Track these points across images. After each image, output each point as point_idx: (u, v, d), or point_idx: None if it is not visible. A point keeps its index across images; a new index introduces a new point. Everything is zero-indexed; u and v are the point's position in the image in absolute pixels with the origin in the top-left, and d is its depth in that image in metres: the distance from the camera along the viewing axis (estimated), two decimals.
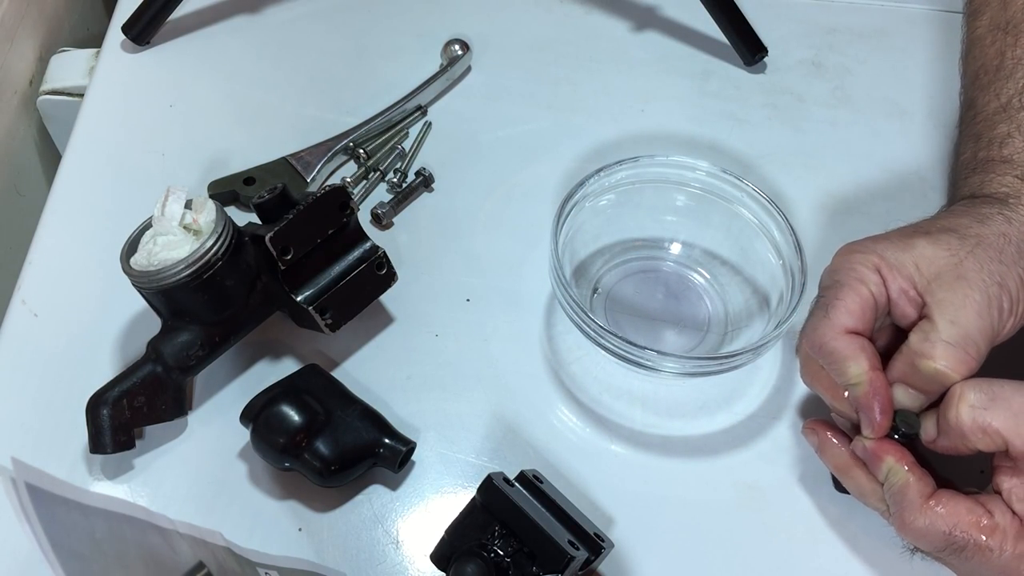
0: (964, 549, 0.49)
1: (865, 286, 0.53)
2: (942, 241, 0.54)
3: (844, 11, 0.84)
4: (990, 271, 0.52)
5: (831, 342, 0.53)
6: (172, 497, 0.59)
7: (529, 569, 0.51)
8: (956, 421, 0.50)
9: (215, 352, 0.60)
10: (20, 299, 0.67)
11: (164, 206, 0.58)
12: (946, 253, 0.53)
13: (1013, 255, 0.53)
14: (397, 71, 0.79)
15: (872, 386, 0.52)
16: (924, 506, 0.50)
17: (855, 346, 0.52)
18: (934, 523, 0.49)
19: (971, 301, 0.51)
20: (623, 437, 0.62)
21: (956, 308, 0.51)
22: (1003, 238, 0.54)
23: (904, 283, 0.53)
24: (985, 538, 0.48)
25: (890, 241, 0.55)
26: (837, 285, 0.54)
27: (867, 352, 0.52)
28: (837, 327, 0.53)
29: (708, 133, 0.76)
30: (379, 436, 0.58)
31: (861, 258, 0.54)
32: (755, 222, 0.65)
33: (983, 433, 0.49)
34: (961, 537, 0.49)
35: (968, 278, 0.52)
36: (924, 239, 0.54)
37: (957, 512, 0.49)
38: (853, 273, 0.54)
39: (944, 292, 0.52)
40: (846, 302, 0.53)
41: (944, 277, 0.52)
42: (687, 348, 0.65)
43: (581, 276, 0.67)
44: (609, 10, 0.84)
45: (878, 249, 0.54)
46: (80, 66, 0.83)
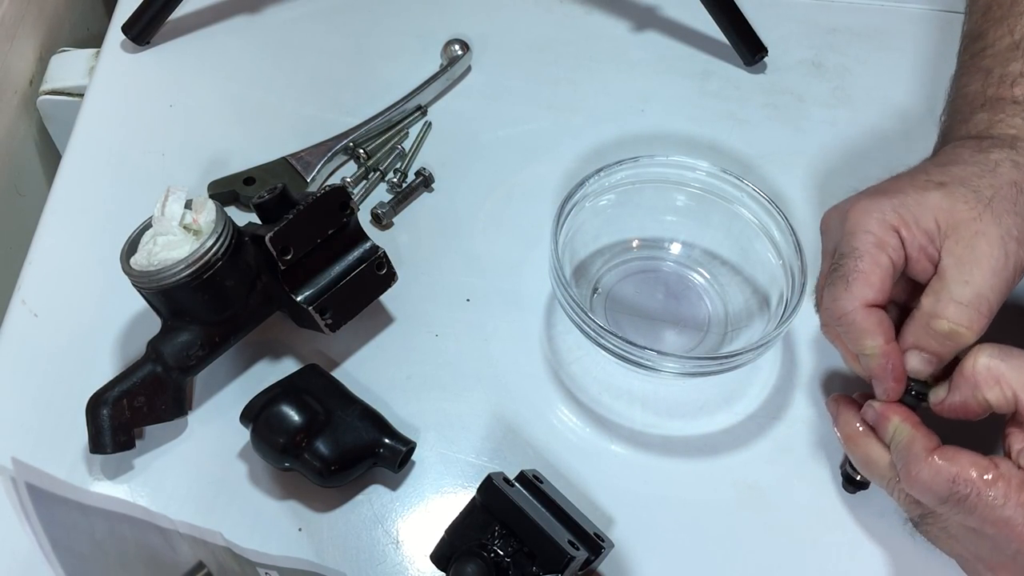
0: (967, 499, 0.48)
1: (885, 253, 0.53)
2: (959, 194, 0.53)
3: (844, 11, 0.84)
4: (1008, 226, 0.52)
5: (850, 315, 0.53)
6: (172, 497, 0.59)
7: (529, 569, 0.51)
8: (971, 371, 0.50)
9: (215, 352, 0.60)
10: (20, 299, 0.67)
11: (164, 206, 0.58)
12: (964, 207, 0.53)
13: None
14: (397, 71, 0.79)
15: (886, 358, 0.53)
16: (929, 458, 0.49)
17: (873, 320, 0.53)
18: (939, 472, 0.49)
19: (988, 259, 0.51)
20: (623, 437, 0.62)
21: (971, 266, 0.51)
22: (1015, 187, 0.53)
23: (923, 239, 0.53)
24: (989, 487, 0.48)
25: (906, 195, 0.54)
26: (856, 254, 0.53)
27: (883, 326, 0.53)
28: (857, 299, 0.53)
29: (708, 133, 0.76)
30: (379, 436, 0.58)
31: (879, 219, 0.53)
32: (755, 222, 0.65)
33: (995, 382, 0.50)
34: (964, 486, 0.48)
35: (987, 234, 0.52)
36: (940, 191, 0.53)
37: (961, 462, 0.49)
38: (872, 238, 0.53)
39: (961, 249, 0.52)
40: (867, 275, 0.53)
41: (962, 233, 0.52)
42: (687, 348, 0.65)
43: (581, 276, 0.67)
44: (609, 10, 0.84)
45: (896, 206, 0.53)
46: (80, 66, 0.83)
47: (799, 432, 0.62)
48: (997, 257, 0.51)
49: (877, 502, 0.59)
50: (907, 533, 0.58)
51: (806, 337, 0.65)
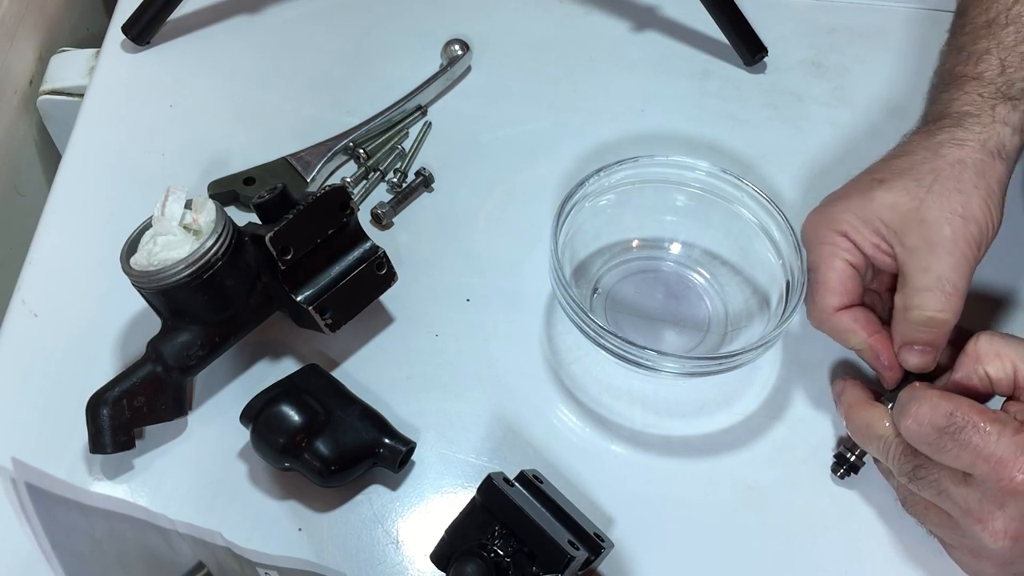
0: (962, 431, 0.49)
1: (838, 258, 0.56)
2: (898, 186, 0.56)
3: (844, 11, 0.84)
4: (950, 206, 0.54)
5: (826, 323, 0.58)
6: (172, 497, 0.59)
7: (529, 569, 0.51)
8: (973, 347, 0.53)
9: (215, 352, 0.60)
10: (20, 299, 0.67)
11: (164, 206, 0.58)
12: (905, 198, 0.55)
13: (972, 179, 0.55)
14: (397, 71, 0.79)
15: (873, 350, 0.57)
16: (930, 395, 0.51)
17: (848, 320, 0.57)
18: (938, 406, 0.50)
19: (937, 242, 0.54)
20: (623, 437, 0.62)
21: (925, 253, 0.54)
22: (958, 165, 0.55)
23: (874, 238, 0.56)
24: (984, 422, 0.49)
25: (850, 199, 0.57)
26: (815, 266, 0.58)
27: (861, 321, 0.57)
28: (826, 310, 0.57)
29: (708, 133, 0.76)
30: (379, 436, 0.58)
31: (826, 230, 0.57)
32: (755, 222, 0.65)
33: (996, 356, 0.52)
34: (962, 418, 0.49)
35: (929, 220, 0.54)
36: (881, 188, 0.56)
37: (960, 400, 0.50)
38: (825, 248, 0.57)
39: (911, 239, 0.55)
40: (826, 283, 0.57)
41: (908, 223, 0.55)
42: (687, 348, 0.65)
43: (581, 276, 0.67)
44: (609, 10, 0.84)
45: (839, 213, 0.57)
46: (80, 66, 0.83)
47: (799, 432, 0.62)
48: (946, 238, 0.54)
49: (877, 502, 0.59)
50: (907, 533, 0.58)
51: (806, 337, 0.65)
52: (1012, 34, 0.60)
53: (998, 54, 0.59)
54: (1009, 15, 0.60)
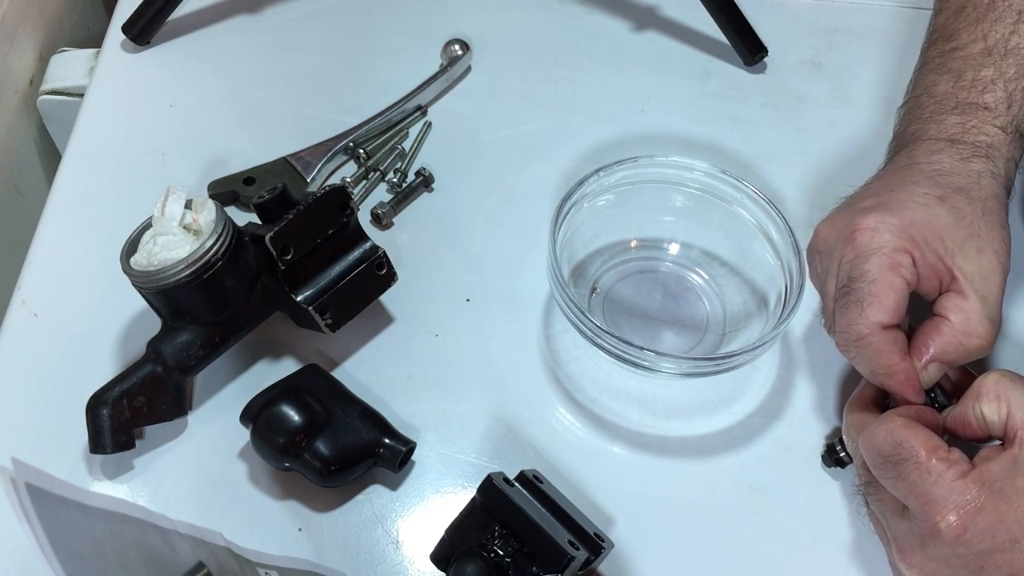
0: (903, 464, 0.49)
1: (899, 275, 0.53)
2: (961, 210, 0.55)
3: (844, 11, 0.84)
4: (998, 242, 0.54)
5: (866, 338, 0.53)
6: (172, 497, 0.59)
7: (529, 569, 0.51)
8: (979, 383, 0.52)
9: (215, 352, 0.60)
10: (20, 299, 0.67)
11: (164, 206, 0.58)
12: (965, 223, 0.54)
13: (1002, 216, 0.56)
14: (397, 71, 0.79)
15: (906, 375, 0.54)
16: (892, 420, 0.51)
17: (889, 341, 0.53)
18: (891, 434, 0.50)
19: (995, 274, 0.54)
20: (623, 437, 0.62)
21: (985, 281, 0.53)
22: (994, 200, 0.55)
23: (933, 258, 0.54)
24: (928, 460, 0.48)
25: (912, 213, 0.54)
26: (868, 277, 0.53)
27: (899, 344, 0.54)
28: (873, 324, 0.53)
29: (708, 133, 0.76)
30: (379, 436, 0.58)
31: (891, 241, 0.53)
32: (753, 223, 0.65)
33: (995, 397, 0.50)
34: (907, 451, 0.49)
35: (986, 250, 0.54)
36: (943, 208, 0.54)
37: (917, 431, 0.50)
38: (885, 260, 0.53)
39: (971, 265, 0.54)
40: (881, 298, 0.53)
41: (967, 249, 0.54)
42: (685, 349, 0.65)
43: (579, 276, 0.67)
44: (609, 10, 0.84)
45: (906, 227, 0.54)
46: (80, 66, 0.83)
47: (797, 432, 0.62)
48: (1000, 272, 0.54)
49: None
50: None
51: (804, 337, 0.65)
52: (1013, 66, 0.59)
53: (1004, 86, 0.59)
54: (1008, 46, 0.60)
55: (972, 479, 0.47)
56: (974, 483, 0.47)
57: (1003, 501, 0.47)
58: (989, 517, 0.47)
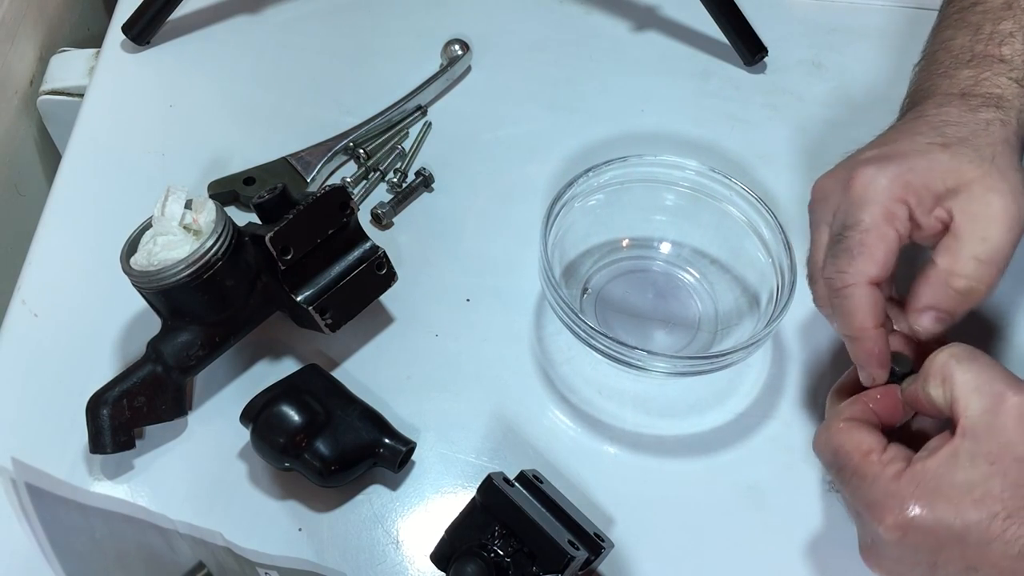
0: (842, 471, 0.49)
1: (892, 226, 0.52)
2: (964, 155, 0.52)
3: (844, 11, 0.84)
4: (1014, 181, 0.52)
5: (850, 288, 0.52)
6: (172, 497, 0.59)
7: (529, 569, 0.51)
8: (931, 362, 0.49)
9: (215, 352, 0.60)
10: (20, 299, 0.67)
11: (164, 206, 0.58)
12: (970, 166, 0.52)
13: (1016, 161, 0.53)
14: (397, 71, 0.79)
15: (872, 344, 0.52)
16: (832, 424, 0.51)
17: (869, 300, 0.51)
18: (828, 441, 0.50)
19: (1003, 214, 0.51)
20: (620, 437, 0.62)
21: (987, 223, 0.51)
22: (1006, 144, 0.53)
23: (932, 202, 0.52)
24: (861, 466, 0.48)
25: (911, 160, 0.53)
26: (862, 227, 0.52)
27: (876, 309, 0.52)
28: (860, 275, 0.51)
29: (708, 133, 0.76)
30: (379, 436, 0.58)
31: (887, 188, 0.52)
32: (744, 221, 0.65)
33: (941, 381, 0.48)
34: (844, 458, 0.49)
35: (998, 190, 0.51)
36: (945, 153, 0.53)
37: (850, 435, 0.50)
38: (879, 210, 0.52)
39: (975, 207, 0.51)
40: (872, 249, 0.51)
41: (974, 191, 0.51)
42: (678, 348, 0.65)
43: (571, 276, 0.67)
44: (609, 10, 0.84)
45: (903, 172, 0.52)
46: (80, 66, 0.83)
47: (791, 429, 0.62)
48: (1011, 213, 0.51)
49: None
50: None
51: (796, 335, 0.65)
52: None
53: (1023, 38, 0.57)
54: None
55: (907, 480, 0.47)
56: (909, 483, 0.46)
57: (940, 499, 0.45)
58: (927, 517, 0.45)
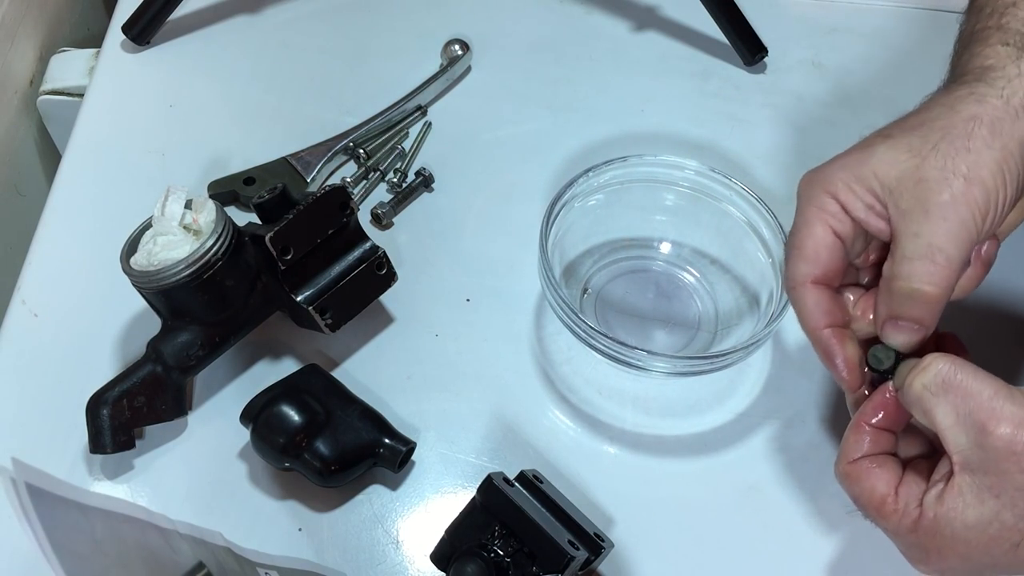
0: (867, 514, 0.49)
1: (822, 222, 0.50)
2: (902, 143, 0.49)
3: (844, 11, 0.84)
4: (954, 166, 0.47)
5: (793, 292, 0.51)
6: (172, 497, 0.59)
7: (529, 569, 0.51)
8: (907, 389, 0.47)
9: (215, 352, 0.60)
10: (20, 299, 0.67)
11: (164, 206, 0.58)
12: (906, 156, 0.49)
13: (985, 138, 0.48)
14: (397, 71, 0.79)
15: (824, 345, 0.50)
16: (843, 467, 0.49)
17: (811, 300, 0.50)
18: (845, 486, 0.50)
19: (933, 205, 0.47)
20: (621, 437, 0.62)
21: (918, 217, 0.47)
22: (973, 121, 0.48)
23: (868, 198, 0.49)
24: (880, 519, 0.48)
25: (848, 157, 0.51)
26: (796, 228, 0.51)
27: (823, 307, 0.50)
28: (799, 277, 0.51)
29: (708, 133, 0.76)
30: (379, 436, 0.58)
31: (816, 189, 0.51)
32: (744, 221, 0.65)
33: (923, 415, 0.46)
34: (862, 508, 0.49)
35: (928, 179, 0.48)
36: (884, 144, 0.50)
37: (863, 485, 0.48)
38: (808, 211, 0.51)
39: (906, 201, 0.48)
40: (801, 248, 0.50)
41: (905, 183, 0.48)
42: (678, 347, 0.65)
43: (571, 276, 0.67)
44: (609, 10, 0.84)
45: (834, 171, 0.50)
46: (80, 66, 0.83)
47: (791, 429, 0.62)
48: (943, 202, 0.47)
49: None
50: None
51: (796, 335, 0.65)
52: None
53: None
54: None
55: (924, 533, 0.46)
56: (927, 535, 0.46)
57: (960, 544, 0.45)
58: (955, 560, 0.46)
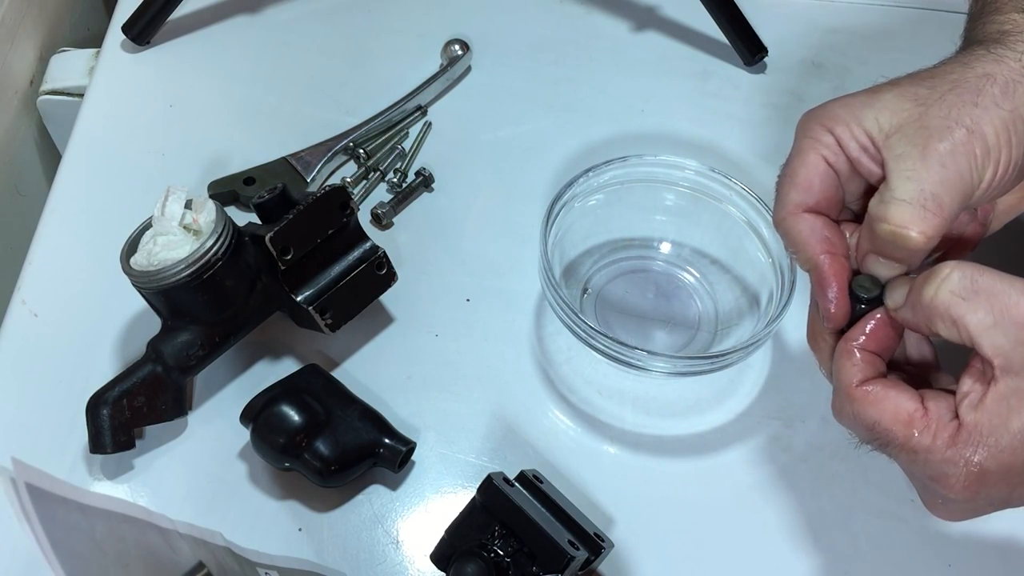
0: (888, 445, 0.45)
1: (816, 152, 0.49)
2: (909, 92, 0.48)
3: (844, 11, 0.84)
4: (958, 116, 0.46)
5: (781, 224, 0.49)
6: (172, 497, 0.59)
7: (529, 569, 0.51)
8: (931, 300, 0.44)
9: (215, 352, 0.60)
10: (20, 299, 0.67)
11: (164, 206, 0.58)
12: (911, 104, 0.48)
13: (995, 96, 0.47)
14: (397, 71, 0.79)
15: (821, 273, 0.48)
16: (851, 393, 0.46)
17: (805, 226, 0.49)
18: (858, 413, 0.45)
19: (931, 151, 0.46)
20: (621, 437, 0.62)
21: (914, 161, 0.46)
22: (986, 78, 0.48)
23: (863, 139, 0.48)
24: (911, 437, 0.44)
25: (853, 98, 0.50)
26: (789, 159, 0.50)
27: (819, 234, 0.48)
28: (790, 205, 0.49)
29: (708, 133, 0.76)
30: (379, 436, 0.58)
31: (813, 123, 0.50)
32: (744, 220, 0.65)
33: (952, 324, 0.44)
34: (885, 435, 0.44)
35: (930, 126, 0.47)
36: (891, 91, 0.49)
37: (884, 407, 0.45)
38: (804, 142, 0.50)
39: (903, 145, 0.47)
40: (796, 177, 0.49)
41: (905, 129, 0.47)
42: (678, 347, 0.65)
43: (571, 276, 0.67)
44: (609, 10, 0.84)
45: (834, 108, 0.50)
46: (80, 66, 0.83)
47: (791, 429, 0.62)
48: (942, 150, 0.46)
49: (875, 501, 0.59)
50: (907, 533, 0.58)
51: (796, 335, 0.65)
52: None
53: None
54: None
55: (963, 443, 0.43)
56: (967, 446, 0.43)
57: (1005, 453, 0.42)
58: (995, 472, 0.43)
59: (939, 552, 0.58)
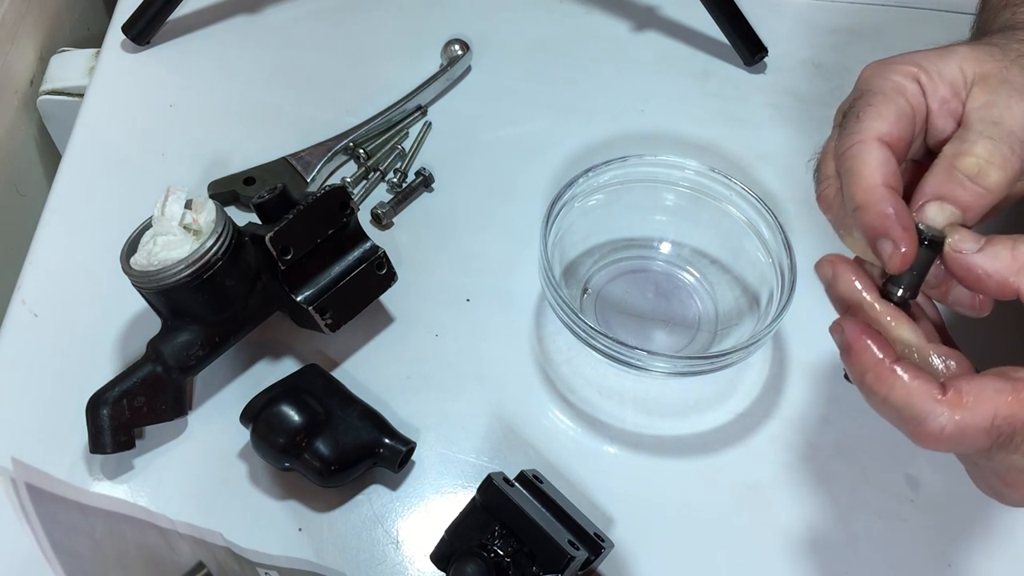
0: (1014, 437, 0.39)
1: (903, 96, 0.47)
2: (984, 50, 0.49)
3: (844, 11, 0.84)
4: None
5: (856, 146, 0.46)
6: (172, 497, 0.59)
7: (529, 569, 0.51)
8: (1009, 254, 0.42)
9: (215, 352, 0.60)
10: (20, 299, 0.67)
11: (164, 206, 0.58)
12: (990, 59, 0.48)
13: None
14: (397, 71, 0.79)
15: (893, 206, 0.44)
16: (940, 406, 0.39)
17: (877, 153, 0.45)
18: (966, 421, 0.39)
19: (1017, 103, 0.46)
20: (621, 437, 0.62)
21: (1000, 110, 0.46)
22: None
23: (946, 91, 0.48)
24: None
25: (927, 52, 0.49)
26: (870, 93, 0.48)
27: (887, 167, 0.45)
28: (867, 129, 0.46)
29: (708, 133, 0.76)
30: (379, 436, 0.58)
31: (897, 67, 0.48)
32: (744, 221, 0.65)
33: None
34: (1007, 425, 0.39)
35: (1013, 83, 0.47)
36: (966, 47, 0.49)
37: (987, 400, 0.39)
38: (888, 83, 0.48)
39: (988, 95, 0.47)
40: (880, 108, 0.46)
41: (989, 81, 0.47)
42: (678, 347, 0.65)
43: (571, 276, 0.67)
44: (609, 10, 0.84)
45: (916, 58, 0.48)
46: (80, 66, 0.83)
47: (791, 429, 0.62)
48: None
49: (875, 501, 0.59)
50: (908, 533, 0.58)
51: (796, 335, 0.65)
52: None
53: None
54: None
55: None
56: None
57: None
58: None
59: (939, 552, 0.58)
